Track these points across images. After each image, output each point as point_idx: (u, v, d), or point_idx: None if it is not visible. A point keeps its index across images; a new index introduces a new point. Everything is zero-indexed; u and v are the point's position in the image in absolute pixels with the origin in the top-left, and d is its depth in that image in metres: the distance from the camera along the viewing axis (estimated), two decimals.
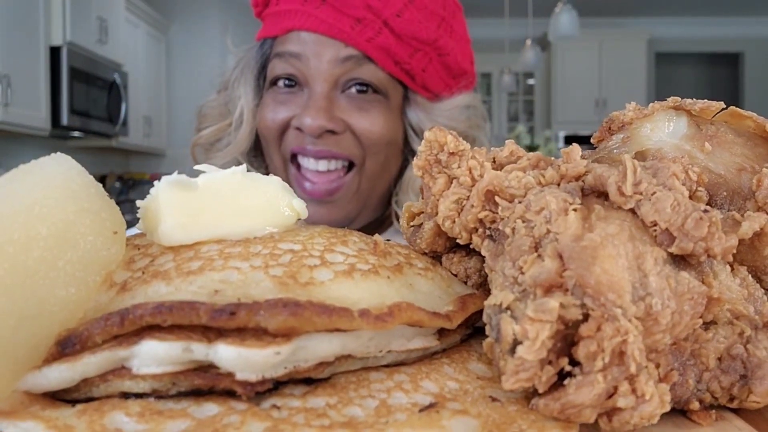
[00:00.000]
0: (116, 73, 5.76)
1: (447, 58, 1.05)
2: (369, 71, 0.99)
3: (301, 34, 0.99)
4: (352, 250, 0.37)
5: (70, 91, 4.99)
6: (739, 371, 0.34)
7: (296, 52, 0.99)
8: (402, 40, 0.99)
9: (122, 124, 5.85)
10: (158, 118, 6.86)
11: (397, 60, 1.00)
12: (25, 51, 4.62)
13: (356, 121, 0.99)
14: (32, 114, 4.65)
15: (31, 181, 0.32)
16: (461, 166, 0.38)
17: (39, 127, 4.76)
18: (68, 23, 4.92)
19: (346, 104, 0.99)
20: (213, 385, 0.31)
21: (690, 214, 0.33)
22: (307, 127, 0.96)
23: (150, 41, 6.71)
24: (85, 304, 0.32)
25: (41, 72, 4.79)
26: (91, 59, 5.34)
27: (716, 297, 0.33)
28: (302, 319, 0.29)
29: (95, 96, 5.42)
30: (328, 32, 0.97)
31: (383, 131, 1.01)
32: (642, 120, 0.44)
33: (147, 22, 6.60)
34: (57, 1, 4.87)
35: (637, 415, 0.29)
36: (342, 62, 0.98)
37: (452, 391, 0.32)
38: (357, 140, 1.00)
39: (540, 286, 0.31)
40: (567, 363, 0.30)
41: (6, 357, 0.30)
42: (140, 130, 6.42)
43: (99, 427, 0.27)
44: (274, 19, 1.05)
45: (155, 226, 0.36)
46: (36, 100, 4.72)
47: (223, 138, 1.11)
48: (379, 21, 0.98)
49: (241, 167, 0.38)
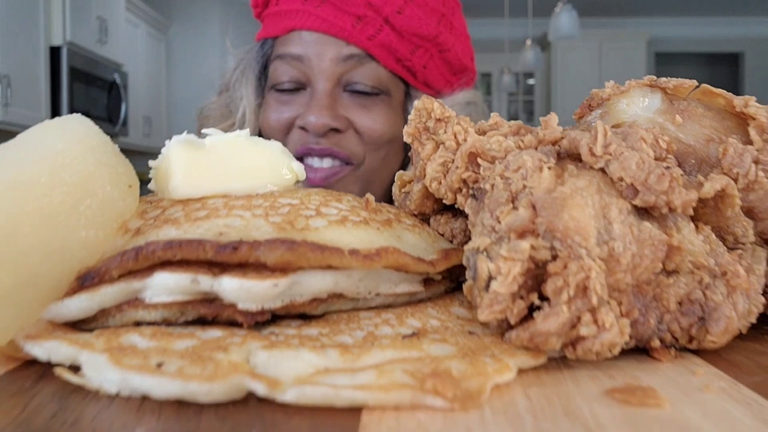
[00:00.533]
0: (116, 73, 5.78)
1: (448, 54, 1.06)
2: (371, 69, 1.01)
3: (302, 34, 1.01)
4: (345, 206, 0.40)
5: (70, 91, 5.01)
6: (697, 314, 0.37)
7: (298, 54, 1.01)
8: (403, 37, 1.01)
9: (122, 124, 5.86)
10: (158, 118, 6.88)
11: (398, 57, 1.02)
12: (25, 51, 4.64)
13: (359, 119, 1.01)
14: (32, 114, 4.67)
15: (55, 134, 0.35)
16: (447, 131, 0.42)
17: None
18: (68, 23, 4.94)
19: (348, 102, 1.01)
20: (217, 315, 0.34)
21: (653, 171, 0.37)
22: (312, 125, 0.98)
23: (150, 41, 6.74)
24: (103, 246, 0.35)
25: (41, 72, 4.81)
26: (91, 59, 5.36)
27: (676, 245, 0.36)
28: (297, 254, 0.33)
29: (95, 96, 5.43)
30: (329, 31, 0.99)
31: (385, 129, 1.02)
32: (619, 96, 0.47)
33: (147, 23, 6.63)
34: (57, 1, 4.90)
35: (598, 342, 0.33)
36: (344, 61, 0.99)
37: (434, 327, 0.36)
38: (359, 138, 1.02)
39: (514, 232, 0.35)
40: (536, 298, 0.34)
41: (31, 288, 0.33)
42: (140, 130, 6.44)
43: (116, 344, 0.31)
44: (274, 19, 1.06)
45: (166, 183, 0.39)
46: (36, 100, 4.74)
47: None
48: (380, 18, 1.00)
49: (245, 131, 0.42)
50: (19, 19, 4.52)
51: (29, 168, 0.33)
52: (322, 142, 0.99)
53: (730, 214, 0.41)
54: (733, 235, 0.42)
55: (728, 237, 0.42)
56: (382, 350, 0.31)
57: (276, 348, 0.31)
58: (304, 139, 1.01)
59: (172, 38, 7.06)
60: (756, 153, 0.43)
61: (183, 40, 7.07)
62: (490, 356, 0.32)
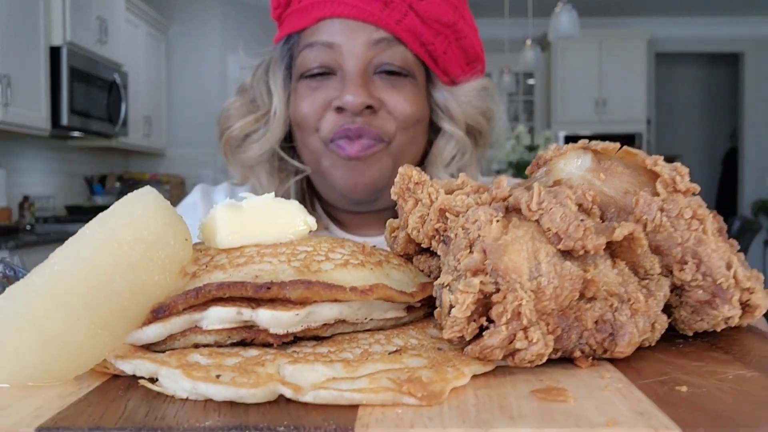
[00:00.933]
0: (116, 73, 5.80)
1: (464, 41, 1.15)
2: (399, 52, 1.08)
3: (332, 22, 1.06)
4: (347, 251, 0.53)
5: (70, 91, 5.01)
6: (608, 330, 0.50)
7: (328, 42, 1.06)
8: (426, 23, 1.09)
9: (122, 124, 5.87)
10: (158, 118, 6.93)
11: (422, 42, 1.10)
12: (25, 51, 4.63)
13: (390, 98, 1.07)
14: (32, 114, 4.67)
15: (135, 204, 0.48)
16: (423, 191, 0.55)
17: (39, 127, 4.77)
18: (68, 23, 4.95)
19: (379, 84, 1.08)
20: (254, 338, 0.47)
21: (572, 222, 0.49)
22: (350, 103, 1.03)
23: (150, 41, 6.79)
24: (169, 286, 0.48)
25: (41, 72, 4.81)
26: (91, 59, 5.38)
27: (590, 279, 0.49)
28: (313, 291, 0.46)
29: (95, 96, 5.45)
30: (359, 16, 1.05)
31: (414, 109, 1.10)
32: (558, 157, 0.60)
33: (147, 23, 6.67)
34: (57, 1, 4.90)
35: (529, 353, 0.46)
36: (374, 44, 1.06)
37: (413, 345, 0.49)
38: (391, 117, 1.08)
39: (469, 271, 0.47)
40: (485, 321, 0.47)
41: (120, 321, 0.46)
42: (140, 130, 6.48)
43: (185, 361, 0.44)
44: (299, 14, 1.12)
45: (213, 236, 0.52)
46: (36, 100, 4.74)
47: (254, 132, 1.16)
48: (405, 5, 1.07)
49: (271, 194, 0.55)
50: (19, 19, 4.53)
51: (119, 232, 0.46)
52: (358, 121, 1.04)
53: (640, 252, 0.54)
54: (644, 268, 0.55)
55: (640, 270, 0.55)
56: (374, 363, 0.44)
57: (298, 363, 0.43)
58: (340, 122, 1.05)
59: (172, 38, 7.13)
60: (661, 203, 0.56)
61: (183, 40, 7.13)
62: (451, 366, 0.45)
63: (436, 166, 1.16)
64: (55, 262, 0.44)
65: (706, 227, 0.56)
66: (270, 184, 1.16)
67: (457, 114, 1.15)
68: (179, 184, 6.86)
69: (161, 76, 7.01)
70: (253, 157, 1.15)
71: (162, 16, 6.90)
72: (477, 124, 1.18)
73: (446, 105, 1.15)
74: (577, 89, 8.58)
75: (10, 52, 4.43)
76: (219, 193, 1.26)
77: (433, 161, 1.17)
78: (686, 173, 0.57)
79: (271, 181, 1.17)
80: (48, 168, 5.76)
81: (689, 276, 0.55)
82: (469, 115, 1.17)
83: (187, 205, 1.26)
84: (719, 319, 0.55)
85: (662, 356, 0.53)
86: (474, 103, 1.17)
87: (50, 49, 4.92)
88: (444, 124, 1.16)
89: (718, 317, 0.55)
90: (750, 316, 0.57)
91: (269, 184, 1.16)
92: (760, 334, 0.61)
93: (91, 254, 0.44)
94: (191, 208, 1.24)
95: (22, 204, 5.01)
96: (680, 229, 0.56)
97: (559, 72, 8.64)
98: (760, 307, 0.56)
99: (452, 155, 1.17)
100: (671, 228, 0.56)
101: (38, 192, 5.42)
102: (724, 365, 0.51)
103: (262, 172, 1.17)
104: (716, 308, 0.54)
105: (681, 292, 0.56)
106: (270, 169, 1.17)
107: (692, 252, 0.55)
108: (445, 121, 1.16)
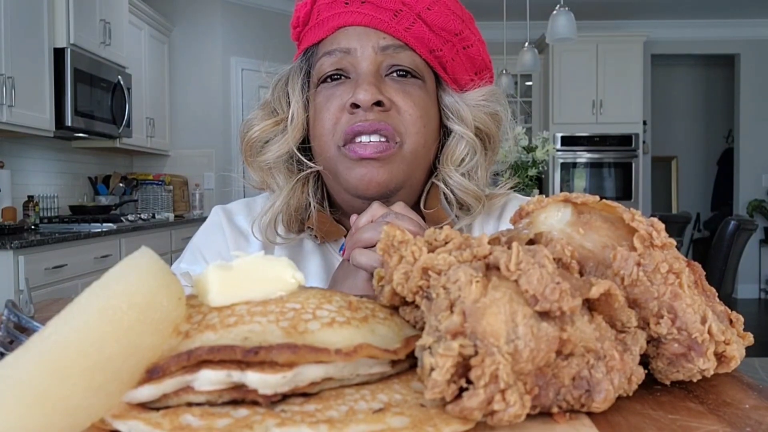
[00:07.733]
0: (120, 74, 5.85)
1: (471, 50, 1.22)
2: (408, 57, 1.16)
3: (347, 30, 1.16)
4: (334, 307, 0.55)
5: (74, 93, 5.06)
6: (585, 387, 0.52)
7: (345, 48, 1.15)
8: (433, 30, 1.17)
9: (126, 126, 5.93)
10: (161, 120, 6.98)
11: (431, 48, 1.18)
12: (29, 53, 4.68)
13: (400, 99, 1.14)
14: (36, 115, 4.72)
15: (128, 268, 0.50)
16: (407, 250, 0.57)
17: (43, 128, 4.83)
18: (72, 25, 5.00)
19: (390, 85, 1.15)
20: (244, 398, 0.49)
21: (548, 285, 0.51)
22: (362, 100, 1.09)
23: (153, 43, 6.83)
24: (163, 346, 0.50)
25: (45, 74, 4.87)
26: (95, 61, 5.43)
27: (566, 339, 0.51)
28: (299, 355, 0.48)
29: (99, 97, 5.50)
30: (370, 24, 1.14)
31: (423, 112, 1.16)
32: (540, 210, 0.62)
33: (150, 25, 6.71)
34: (61, 3, 4.96)
35: (507, 414, 0.48)
36: (383, 49, 1.15)
37: (397, 401, 0.51)
38: (401, 118, 1.14)
39: (449, 333, 0.49)
40: (464, 382, 0.49)
41: (116, 382, 0.48)
42: (143, 131, 6.53)
43: (177, 423, 0.46)
44: (316, 29, 1.21)
45: (206, 294, 0.55)
46: (40, 101, 4.80)
47: (273, 135, 1.22)
48: (413, 14, 1.16)
49: (260, 253, 0.57)
50: (24, 21, 4.59)
51: (113, 298, 0.48)
52: (371, 117, 1.10)
53: (617, 306, 0.56)
54: (621, 321, 0.57)
55: (617, 323, 0.57)
56: (358, 424, 0.46)
57: (285, 425, 0.46)
58: (354, 120, 1.11)
59: (175, 40, 7.18)
60: (638, 257, 0.58)
61: (186, 42, 7.19)
62: (432, 426, 0.47)
63: (449, 167, 1.22)
64: (52, 332, 0.46)
65: (681, 281, 0.58)
66: (286, 185, 1.22)
67: (466, 116, 1.21)
68: (182, 184, 6.91)
69: (164, 78, 7.06)
70: (271, 158, 1.21)
71: (165, 19, 6.95)
72: (486, 127, 1.24)
73: (456, 108, 1.22)
74: (574, 91, 8.65)
75: (15, 53, 4.48)
76: (238, 215, 1.35)
77: (445, 162, 1.23)
78: (662, 228, 0.59)
79: (288, 182, 1.23)
80: (52, 168, 5.81)
81: (665, 330, 0.57)
82: (478, 118, 1.22)
83: (212, 225, 1.34)
84: (694, 371, 0.57)
85: (639, 407, 0.55)
86: (482, 106, 1.23)
87: (54, 50, 4.97)
88: (454, 126, 1.22)
89: (693, 369, 0.57)
90: (726, 367, 0.59)
91: (286, 185, 1.22)
92: (737, 378, 0.63)
93: (84, 323, 0.46)
94: (217, 227, 1.33)
95: (27, 204, 5.06)
96: (657, 284, 0.58)
97: (556, 74, 8.71)
98: (735, 358, 0.59)
99: (463, 156, 1.22)
100: (648, 282, 0.58)
101: (42, 192, 5.47)
102: (698, 419, 0.53)
103: (279, 173, 1.23)
104: (691, 361, 0.57)
105: (658, 344, 0.58)
106: (286, 171, 1.23)
107: (668, 306, 0.57)
108: (455, 123, 1.22)
